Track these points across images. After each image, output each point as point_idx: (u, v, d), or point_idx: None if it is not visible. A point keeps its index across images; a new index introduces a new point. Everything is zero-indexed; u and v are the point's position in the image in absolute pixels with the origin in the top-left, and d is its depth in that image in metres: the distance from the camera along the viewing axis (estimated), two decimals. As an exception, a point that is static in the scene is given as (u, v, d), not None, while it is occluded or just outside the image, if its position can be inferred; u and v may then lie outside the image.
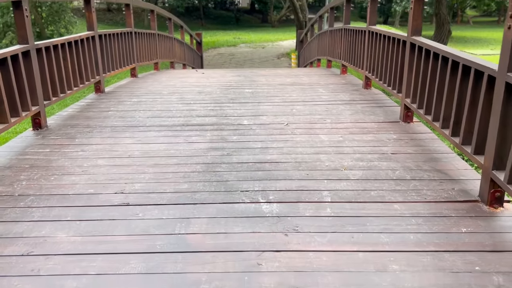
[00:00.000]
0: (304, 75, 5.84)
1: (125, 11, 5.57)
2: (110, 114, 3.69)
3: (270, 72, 6.35)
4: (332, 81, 5.16)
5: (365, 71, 4.42)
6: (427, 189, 2.19)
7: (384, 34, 3.74)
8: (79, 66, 3.95)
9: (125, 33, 5.31)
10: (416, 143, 2.85)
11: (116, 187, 2.28)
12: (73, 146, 2.92)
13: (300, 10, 16.17)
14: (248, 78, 5.59)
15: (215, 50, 20.36)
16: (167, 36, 7.65)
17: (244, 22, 40.34)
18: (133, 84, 5.24)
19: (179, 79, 5.66)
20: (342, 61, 5.60)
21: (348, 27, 5.18)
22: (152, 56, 6.64)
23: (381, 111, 3.63)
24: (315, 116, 3.53)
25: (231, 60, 17.01)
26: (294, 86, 4.84)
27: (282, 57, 17.51)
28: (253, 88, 4.78)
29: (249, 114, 3.65)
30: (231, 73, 6.34)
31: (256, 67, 15.01)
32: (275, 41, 24.33)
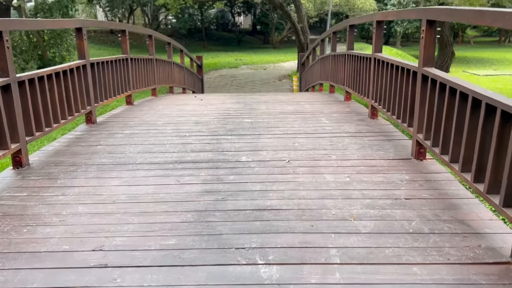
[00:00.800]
0: (306, 102, 5.61)
1: (120, 37, 5.38)
2: (99, 149, 3.44)
3: (271, 98, 6.13)
4: (336, 109, 4.92)
5: (370, 100, 4.18)
6: (449, 246, 1.90)
7: (391, 63, 3.50)
8: (68, 97, 3.73)
9: (120, 60, 5.11)
10: (431, 185, 2.58)
11: (94, 242, 2.01)
12: (54, 188, 2.66)
13: (302, 32, 16.12)
14: (247, 106, 5.36)
15: (216, 72, 20.30)
16: (165, 61, 7.48)
17: (246, 43, 40.58)
18: (128, 112, 5.01)
19: (176, 106, 5.44)
20: (346, 87, 5.37)
21: (352, 53, 4.97)
22: (149, 82, 6.44)
23: (391, 145, 3.36)
24: (319, 151, 3.26)
25: (232, 82, 16.90)
26: (296, 115, 4.60)
27: (283, 78, 17.39)
28: (253, 118, 4.54)
29: (248, 148, 3.39)
30: (230, 99, 6.12)
31: (257, 89, 14.87)
32: (276, 62, 24.32)
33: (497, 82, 22.66)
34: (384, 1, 36.50)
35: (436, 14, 2.68)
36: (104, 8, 32.92)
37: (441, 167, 2.88)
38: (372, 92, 4.13)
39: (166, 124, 4.33)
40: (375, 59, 4.02)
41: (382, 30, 4.03)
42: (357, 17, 5.79)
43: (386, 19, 3.83)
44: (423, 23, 2.79)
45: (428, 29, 2.78)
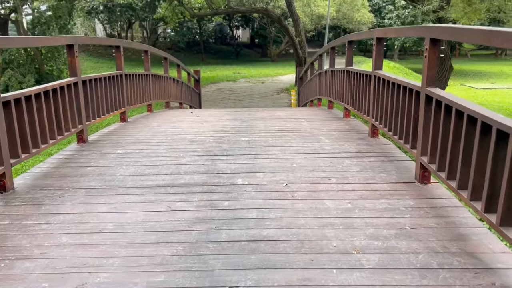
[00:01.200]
0: (305, 118, 5.49)
1: (115, 53, 5.27)
2: (89, 171, 3.29)
3: (268, 115, 6.01)
4: (335, 127, 4.79)
5: (371, 119, 4.05)
6: (460, 285, 1.76)
7: (393, 81, 3.39)
8: (58, 116, 3.60)
9: (114, 76, 5.00)
10: (437, 212, 2.44)
11: (77, 279, 1.85)
12: (38, 216, 2.50)
13: (300, 46, 16.11)
14: (244, 123, 5.24)
15: (214, 85, 20.25)
16: (162, 76, 7.38)
17: (244, 56, 40.72)
18: (121, 130, 4.88)
19: (171, 123, 5.31)
20: (345, 104, 5.26)
21: (352, 70, 4.86)
22: (145, 98, 6.32)
23: (393, 167, 3.23)
24: (318, 173, 3.12)
25: (230, 95, 16.82)
26: (294, 133, 4.47)
27: (281, 92, 17.33)
28: (250, 136, 4.41)
29: (244, 170, 3.25)
30: (227, 115, 6.00)
31: (255, 103, 14.79)
32: (274, 75, 24.32)
33: (495, 95, 22.66)
34: (381, 14, 36.79)
35: (440, 33, 2.57)
36: (103, 22, 33.05)
37: (447, 191, 2.74)
38: (372, 111, 4.01)
39: (160, 143, 4.19)
40: (375, 76, 3.90)
41: (382, 47, 3.93)
42: (356, 33, 5.70)
43: (386, 36, 3.73)
44: (426, 42, 2.68)
45: (431, 47, 2.66)
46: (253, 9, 16.76)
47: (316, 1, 26.40)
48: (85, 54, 30.66)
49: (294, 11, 16.04)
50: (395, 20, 32.07)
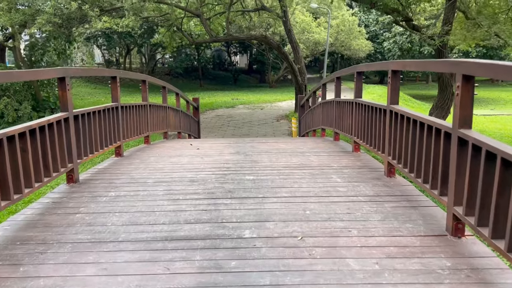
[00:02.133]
0: (312, 152, 5.18)
1: (110, 84, 4.99)
2: (77, 219, 2.93)
3: (272, 147, 5.70)
4: (346, 163, 4.47)
5: (387, 157, 3.74)
6: None
7: (414, 118, 3.09)
8: (45, 155, 3.26)
9: (109, 109, 4.70)
10: (481, 277, 2.08)
11: None
12: (13, 280, 2.14)
13: (299, 73, 15.99)
14: (248, 158, 4.92)
15: (213, 111, 20.05)
16: (160, 106, 7.10)
17: (242, 82, 40.85)
18: (116, 167, 4.54)
19: (169, 158, 4.98)
20: (354, 137, 4.96)
21: (362, 102, 4.58)
22: (142, 130, 6.01)
23: (418, 214, 2.89)
24: (336, 222, 2.78)
25: (229, 122, 16.58)
26: (303, 171, 4.15)
27: (281, 119, 17.12)
28: (255, 174, 4.07)
29: (252, 218, 2.90)
30: (228, 148, 5.68)
31: (255, 130, 14.52)
32: (273, 101, 24.22)
33: (496, 122, 22.55)
34: (378, 40, 37.15)
35: (474, 69, 2.28)
36: (101, 48, 33.15)
37: (487, 248, 2.39)
38: (388, 148, 3.70)
39: (158, 182, 3.84)
40: (391, 112, 3.61)
41: (398, 80, 3.65)
42: (366, 64, 5.43)
43: (404, 69, 3.46)
44: (458, 78, 2.39)
45: (464, 85, 2.37)
46: (252, 37, 16.73)
47: (312, 28, 26.59)
48: (82, 80, 30.59)
49: (293, 38, 15.99)
50: (393, 45, 32.35)
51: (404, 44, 31.37)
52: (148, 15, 14.58)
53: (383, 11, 10.43)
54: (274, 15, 15.48)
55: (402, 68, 3.47)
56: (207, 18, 17.07)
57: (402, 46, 31.40)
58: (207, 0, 17.50)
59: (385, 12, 11.01)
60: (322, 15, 29.15)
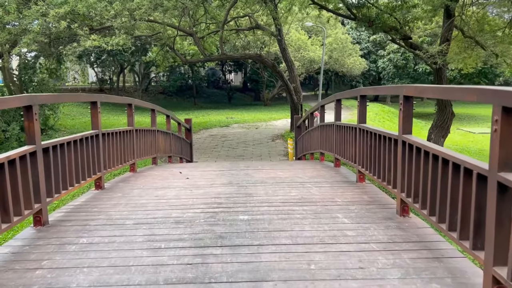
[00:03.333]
0: (312, 182, 4.73)
1: (91, 110, 4.53)
2: (36, 279, 2.43)
3: (268, 175, 5.25)
4: (351, 197, 4.01)
5: (400, 193, 3.29)
6: None
7: (435, 153, 2.65)
8: (5, 197, 2.78)
9: (88, 137, 4.23)
10: None
11: None
12: None
13: (295, 92, 15.66)
14: (242, 190, 4.45)
15: (207, 131, 19.61)
16: (148, 130, 6.64)
17: (237, 100, 40.61)
18: (94, 203, 4.05)
19: (155, 191, 4.50)
20: (359, 167, 4.51)
21: (368, 129, 4.16)
22: (127, 158, 5.54)
23: (444, 270, 2.42)
24: (348, 282, 2.30)
25: (223, 142, 16.13)
26: (304, 207, 3.68)
27: (276, 139, 16.70)
28: (249, 212, 3.60)
29: (246, 276, 2.41)
30: (221, 177, 5.23)
31: (249, 151, 14.08)
32: (268, 120, 23.86)
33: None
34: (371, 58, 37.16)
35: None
36: (93, 66, 32.83)
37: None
38: (401, 183, 3.25)
39: (138, 224, 3.36)
40: (404, 142, 3.18)
41: (411, 107, 3.23)
42: (373, 88, 5.01)
43: (421, 95, 3.04)
44: (496, 111, 1.97)
45: (504, 118, 1.94)
46: (247, 56, 16.44)
47: (308, 47, 26.46)
48: (72, 104, 30.12)
49: (288, 57, 15.71)
50: (387, 63, 32.32)
51: (399, 62, 31.35)
52: (140, 34, 14.25)
53: (381, 29, 10.16)
54: (269, 34, 15.21)
55: (417, 94, 3.03)
56: (201, 37, 16.80)
57: (396, 63, 31.36)
58: (201, 19, 17.29)
59: (383, 31, 10.75)
60: (316, 33, 29.12)
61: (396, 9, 10.81)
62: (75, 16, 10.87)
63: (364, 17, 9.96)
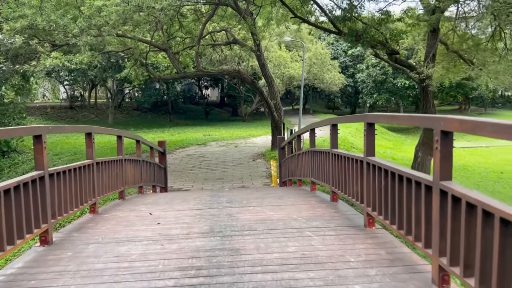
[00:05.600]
0: (310, 226, 3.90)
1: (33, 146, 3.58)
2: None
3: (256, 217, 4.41)
4: (365, 253, 3.19)
5: (437, 257, 2.47)
6: None
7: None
8: None
9: (29, 181, 3.29)
10: None
11: None
12: None
13: (275, 109, 14.93)
14: (226, 242, 3.57)
15: (183, 150, 18.60)
16: (113, 161, 5.70)
17: (214, 116, 39.77)
18: (32, 271, 3.08)
19: (116, 247, 3.56)
20: (368, 209, 3.72)
21: (378, 163, 3.37)
22: (85, 198, 4.59)
23: None
24: None
25: (201, 163, 15.17)
26: (309, 274, 2.83)
27: (257, 158, 15.86)
28: (238, 283, 2.73)
29: None
30: (200, 221, 4.35)
31: (230, 173, 13.19)
32: (247, 137, 23.06)
33: (476, 155, 22.09)
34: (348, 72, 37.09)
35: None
36: (63, 83, 31.40)
37: None
38: (440, 241, 2.45)
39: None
40: (433, 188, 2.40)
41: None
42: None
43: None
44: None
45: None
46: (224, 71, 15.66)
47: (287, 64, 25.96)
48: (42, 118, 28.61)
49: (268, 73, 15.02)
50: (367, 77, 32.21)
51: (378, 76, 31.25)
52: (110, 50, 13.28)
53: (368, 44, 9.59)
54: (247, 49, 14.50)
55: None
56: (175, 52, 15.94)
57: (376, 78, 31.23)
58: (176, 33, 16.46)
59: (371, 46, 10.19)
60: (295, 48, 28.72)
61: (382, 22, 10.26)
62: (35, 31, 9.86)
63: (351, 31, 9.35)
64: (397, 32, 10.52)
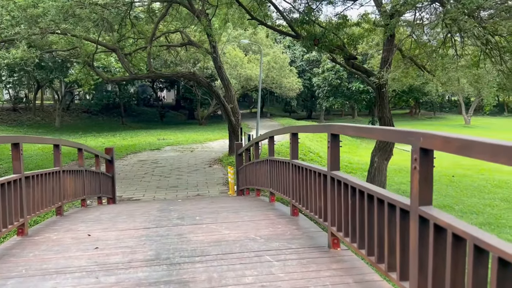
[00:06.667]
0: (271, 252, 3.50)
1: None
2: None
3: (210, 237, 3.96)
4: (331, 282, 2.82)
5: (404, 283, 2.15)
6: None
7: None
8: None
9: None
10: None
11: None
12: None
13: (232, 113, 14.51)
14: (174, 272, 3.10)
15: (135, 155, 17.74)
16: (48, 174, 5.04)
17: (170, 119, 38.73)
18: None
19: (41, 282, 2.99)
20: (333, 228, 3.37)
21: (349, 181, 3.03)
22: (10, 219, 3.94)
23: None
24: None
25: (154, 170, 14.46)
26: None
27: (214, 163, 15.35)
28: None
29: None
30: (145, 243, 3.84)
31: (184, 180, 12.61)
32: (204, 141, 22.46)
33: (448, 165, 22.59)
34: (305, 76, 37.38)
35: None
36: (6, 84, 29.30)
37: None
38: (407, 267, 2.12)
39: None
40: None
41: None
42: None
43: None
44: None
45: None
46: (179, 74, 15.03)
47: (244, 64, 25.63)
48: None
49: (224, 76, 14.57)
50: (322, 81, 32.51)
51: (333, 81, 31.62)
52: (54, 49, 12.31)
53: (327, 48, 9.40)
54: (203, 51, 13.98)
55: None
56: (128, 53, 15.14)
57: (331, 82, 31.59)
58: (127, 33, 15.65)
59: (329, 50, 10.01)
60: (254, 51, 28.47)
61: (340, 27, 10.12)
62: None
63: (309, 35, 9.12)
64: (354, 37, 10.43)
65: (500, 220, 10.12)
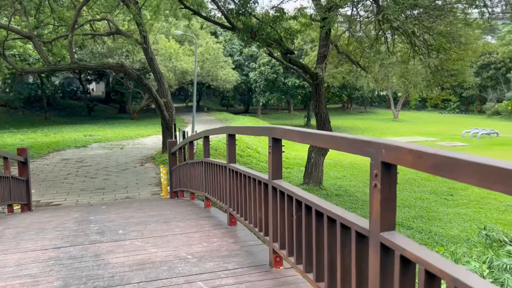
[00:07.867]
0: (204, 276, 3.02)
1: None
2: None
3: (134, 261, 3.38)
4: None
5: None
6: None
7: None
8: None
9: None
10: None
11: None
12: None
13: (166, 108, 13.72)
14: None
15: (58, 154, 16.27)
16: None
17: (99, 113, 36.53)
18: None
19: None
20: (275, 245, 2.97)
21: (288, 190, 2.63)
22: None
23: None
24: None
25: (78, 170, 13.27)
26: None
27: (146, 162, 14.46)
28: None
29: None
30: (52, 270, 3.17)
31: (112, 181, 11.66)
32: (135, 137, 21.27)
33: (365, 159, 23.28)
34: (243, 71, 37.06)
35: None
36: None
37: None
38: None
39: None
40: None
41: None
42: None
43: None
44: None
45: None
46: (105, 65, 13.90)
47: (179, 56, 24.66)
48: None
49: (156, 69, 13.72)
50: (259, 76, 32.35)
51: (270, 75, 31.61)
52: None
53: (264, 42, 9.03)
54: (132, 41, 13.02)
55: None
56: (46, 41, 13.71)
57: (267, 77, 31.55)
58: (47, 19, 14.18)
59: (266, 44, 9.65)
60: (188, 42, 27.50)
61: (277, 20, 9.80)
62: None
63: (246, 27, 8.69)
64: (292, 31, 10.18)
65: (431, 213, 10.47)
